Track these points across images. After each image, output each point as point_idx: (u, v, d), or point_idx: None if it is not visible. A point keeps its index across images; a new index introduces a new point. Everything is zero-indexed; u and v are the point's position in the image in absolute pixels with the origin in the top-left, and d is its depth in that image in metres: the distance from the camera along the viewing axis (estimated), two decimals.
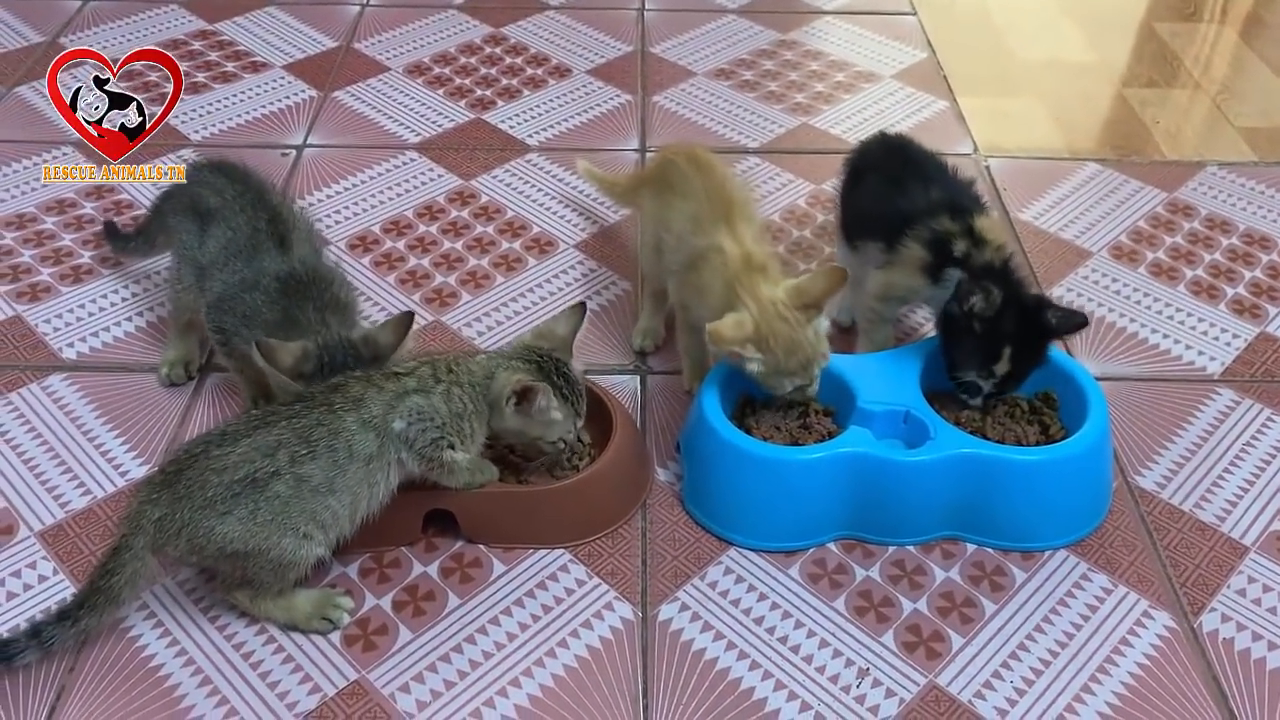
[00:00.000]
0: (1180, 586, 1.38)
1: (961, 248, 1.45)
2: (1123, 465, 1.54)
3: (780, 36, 2.58)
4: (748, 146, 2.19)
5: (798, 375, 1.39)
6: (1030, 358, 1.43)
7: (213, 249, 1.49)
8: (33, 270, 1.83)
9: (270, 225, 1.48)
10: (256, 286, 1.42)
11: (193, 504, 1.19)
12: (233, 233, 1.48)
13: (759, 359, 1.36)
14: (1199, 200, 2.08)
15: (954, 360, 1.45)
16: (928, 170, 1.58)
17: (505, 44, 2.52)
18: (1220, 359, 1.72)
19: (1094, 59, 2.60)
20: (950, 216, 1.47)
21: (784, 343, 1.36)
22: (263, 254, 1.46)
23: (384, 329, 1.39)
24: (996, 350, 1.41)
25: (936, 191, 1.52)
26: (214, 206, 1.52)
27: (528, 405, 1.31)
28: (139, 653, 1.27)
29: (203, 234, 1.51)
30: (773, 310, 1.36)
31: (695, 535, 1.43)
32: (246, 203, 1.51)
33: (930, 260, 1.47)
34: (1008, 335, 1.40)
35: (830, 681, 1.27)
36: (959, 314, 1.41)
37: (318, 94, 2.32)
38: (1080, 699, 1.25)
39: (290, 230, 1.50)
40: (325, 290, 1.43)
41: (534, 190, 2.05)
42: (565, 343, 1.39)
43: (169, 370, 1.62)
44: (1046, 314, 1.41)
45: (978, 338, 1.41)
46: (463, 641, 1.30)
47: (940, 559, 1.41)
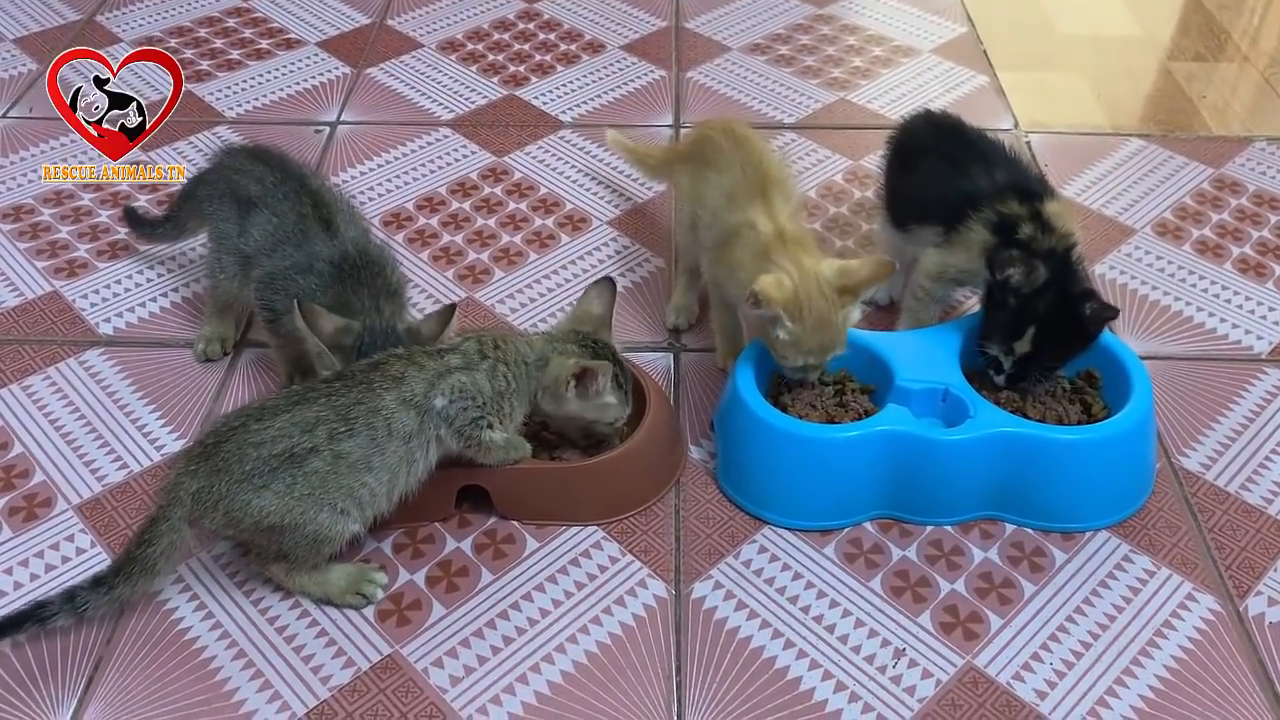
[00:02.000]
0: (1225, 569, 1.35)
1: (1027, 231, 1.41)
2: (1166, 446, 1.51)
3: (816, 11, 2.55)
4: (784, 122, 2.17)
5: (813, 354, 1.37)
6: (1058, 345, 1.40)
7: (258, 237, 1.48)
8: (70, 246, 1.85)
9: (315, 210, 1.48)
10: (310, 270, 1.42)
11: (230, 477, 1.19)
12: (279, 219, 1.48)
13: (788, 327, 1.34)
14: (1246, 176, 2.03)
15: (983, 328, 1.43)
16: (988, 152, 1.55)
17: (539, 20, 2.50)
18: (1268, 338, 1.68)
19: (1138, 33, 2.54)
20: (1019, 200, 1.44)
21: (815, 318, 1.34)
22: (312, 239, 1.45)
23: (428, 321, 1.40)
24: (1021, 327, 1.38)
25: (1001, 174, 1.49)
26: (255, 194, 1.51)
27: (586, 387, 1.31)
28: (174, 625, 1.28)
29: (244, 222, 1.51)
30: (814, 282, 1.34)
31: (729, 513, 1.42)
32: (289, 189, 1.50)
33: (993, 243, 1.44)
34: (1035, 315, 1.37)
35: (866, 661, 1.25)
36: (995, 282, 1.39)
37: (351, 71, 2.31)
38: (1121, 682, 1.23)
39: (335, 213, 1.49)
40: (378, 275, 1.43)
41: (567, 167, 2.04)
42: (604, 321, 1.38)
43: (205, 346, 1.63)
44: (1084, 304, 1.37)
45: (1008, 311, 1.39)
46: (496, 617, 1.30)
47: (979, 539, 1.39)
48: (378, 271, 1.43)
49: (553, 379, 1.31)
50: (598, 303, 1.39)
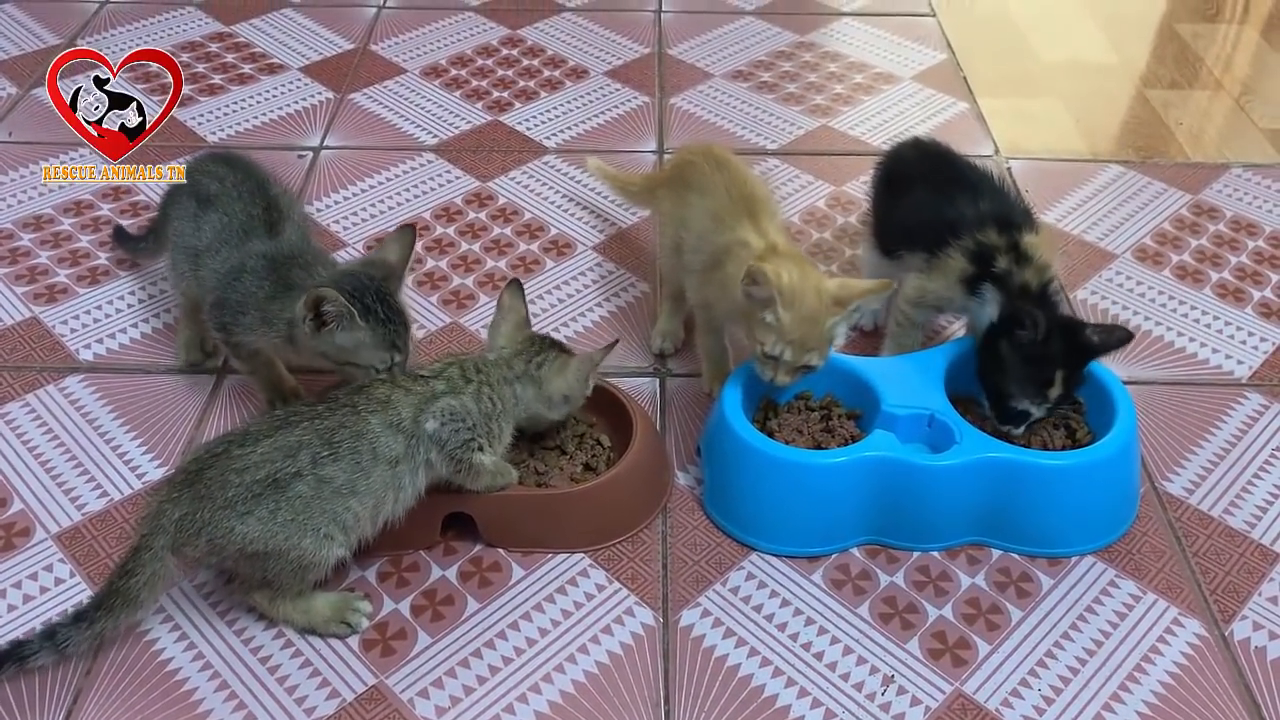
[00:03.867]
0: (1210, 594, 1.36)
1: (1003, 264, 1.42)
2: (1150, 470, 1.52)
3: (798, 38, 2.57)
4: (766, 148, 2.18)
5: (791, 347, 1.34)
6: (1077, 378, 1.41)
7: (208, 234, 1.49)
8: (50, 272, 1.83)
9: (265, 213, 1.49)
10: (244, 269, 1.42)
11: (213, 504, 1.18)
12: (228, 219, 1.48)
13: (777, 310, 1.33)
14: (1224, 202, 2.05)
15: (1005, 390, 1.41)
16: (975, 181, 1.56)
17: (522, 46, 2.51)
18: (1248, 363, 1.70)
19: (1115, 60, 2.58)
20: (998, 230, 1.45)
21: (804, 313, 1.33)
22: (253, 240, 1.46)
23: (387, 247, 1.41)
24: (1050, 375, 1.38)
25: (987, 203, 1.50)
26: (213, 193, 1.51)
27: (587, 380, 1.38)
28: (155, 656, 1.26)
29: (199, 219, 1.51)
30: (811, 282, 1.34)
31: (716, 540, 1.42)
32: (245, 190, 1.51)
33: (971, 272, 1.45)
34: (1057, 358, 1.38)
35: (855, 689, 1.25)
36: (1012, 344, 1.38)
37: (334, 96, 2.31)
38: (1109, 708, 1.23)
39: (284, 220, 1.50)
40: (315, 261, 1.43)
41: (551, 192, 2.04)
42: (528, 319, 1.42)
43: (186, 353, 1.63)
44: (1086, 332, 1.39)
45: (1031, 364, 1.38)
46: (482, 646, 1.29)
47: (965, 565, 1.39)
48: (313, 259, 1.44)
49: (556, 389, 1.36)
50: (521, 304, 1.42)
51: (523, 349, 1.37)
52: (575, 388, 1.37)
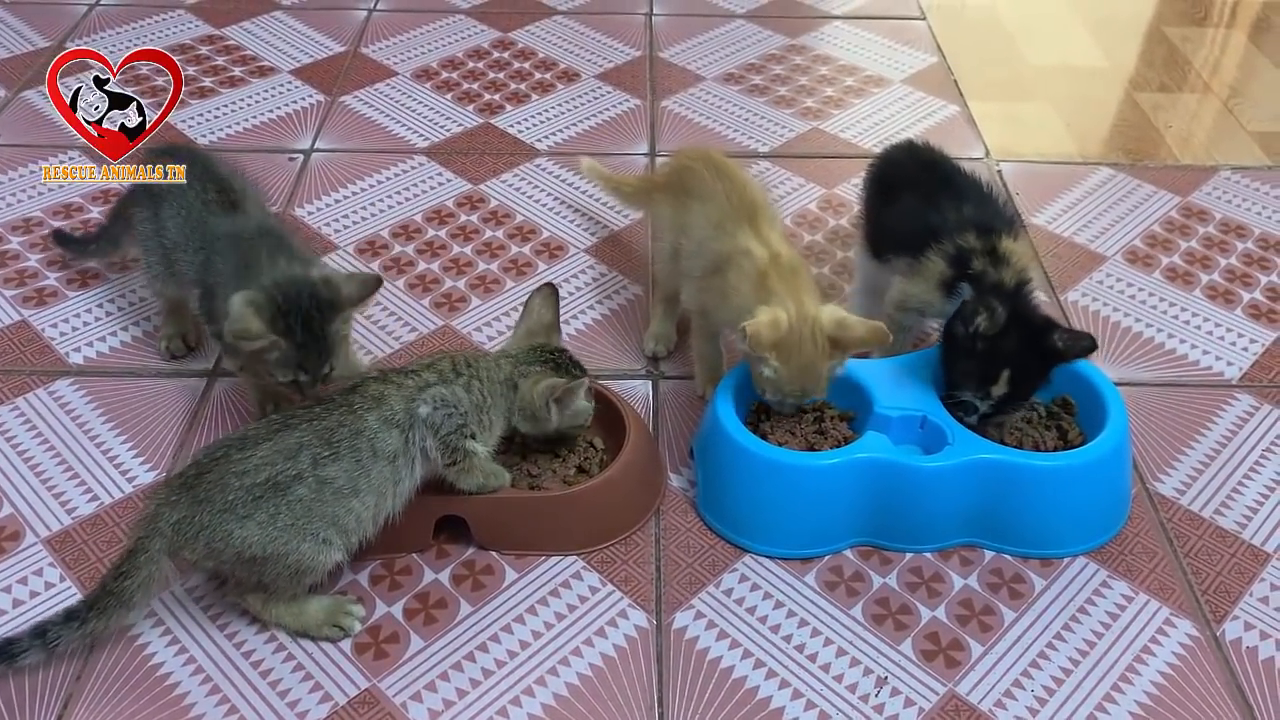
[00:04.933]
0: (1202, 594, 1.36)
1: (979, 265, 1.43)
2: (1141, 471, 1.52)
3: (789, 41, 2.57)
4: (758, 151, 2.18)
5: (793, 395, 1.39)
6: (1031, 380, 1.39)
7: (172, 230, 1.50)
8: (39, 275, 1.82)
9: (220, 195, 1.49)
10: (213, 251, 1.42)
11: (213, 507, 1.18)
12: (186, 209, 1.49)
13: (774, 368, 1.35)
14: (1213, 205, 2.06)
15: (951, 378, 1.42)
16: (962, 186, 1.56)
17: (513, 48, 2.51)
18: (1238, 364, 1.70)
19: (1105, 63, 2.59)
20: (977, 234, 1.45)
21: (801, 364, 1.34)
22: (215, 223, 1.47)
23: (349, 281, 1.39)
24: (994, 372, 1.37)
25: (970, 209, 1.50)
26: (163, 187, 1.52)
27: (566, 404, 1.34)
28: (147, 660, 1.26)
29: (158, 219, 1.52)
30: (809, 327, 1.34)
31: (710, 542, 1.42)
32: (193, 176, 1.52)
33: (950, 275, 1.45)
34: (1007, 357, 1.36)
35: (849, 690, 1.25)
36: (963, 333, 1.38)
37: (325, 98, 2.30)
38: (1102, 708, 1.23)
39: (244, 198, 1.51)
40: (279, 241, 1.42)
41: (543, 195, 2.04)
42: (554, 326, 1.42)
43: (167, 344, 1.65)
44: (1053, 336, 1.37)
45: (977, 357, 1.37)
46: (475, 650, 1.28)
47: (958, 566, 1.39)
48: (278, 239, 1.43)
49: (529, 403, 1.33)
50: (545, 310, 1.41)
51: (520, 356, 1.37)
52: (540, 410, 1.33)
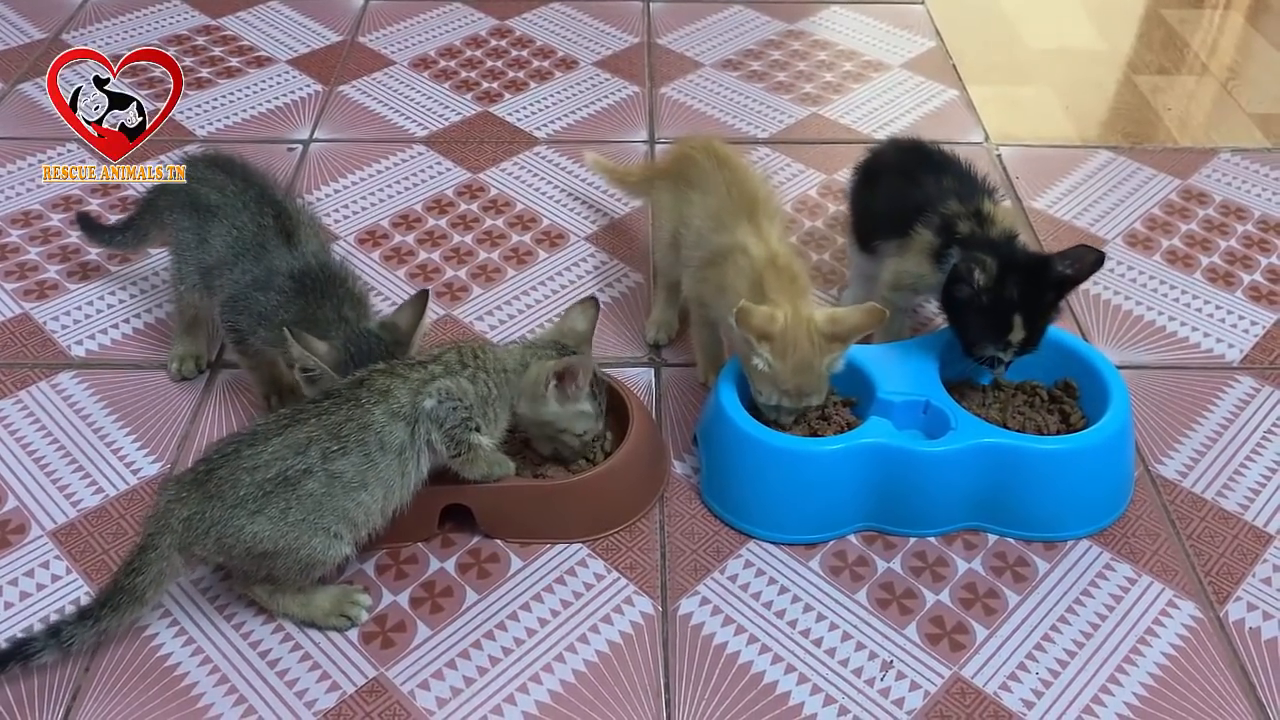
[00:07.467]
0: (1205, 576, 1.37)
1: (965, 228, 1.43)
2: (1144, 454, 1.52)
3: (787, 26, 2.56)
4: (757, 137, 2.18)
5: (788, 396, 1.37)
6: (1044, 315, 1.40)
7: (219, 248, 1.47)
8: (40, 268, 1.82)
9: (277, 221, 1.46)
10: (270, 286, 1.40)
11: (224, 503, 1.18)
12: (238, 231, 1.46)
13: (768, 360, 1.35)
14: (1212, 187, 2.06)
15: (967, 340, 1.43)
16: (941, 163, 1.57)
17: (511, 36, 2.50)
18: (1239, 346, 1.71)
19: (1103, 46, 2.58)
20: (959, 200, 1.46)
21: (798, 360, 1.34)
22: (271, 252, 1.44)
23: (401, 312, 1.40)
24: (1006, 320, 1.38)
25: (949, 180, 1.51)
26: (214, 204, 1.49)
27: (566, 387, 1.32)
28: (155, 652, 1.26)
29: (203, 232, 1.49)
30: (804, 326, 1.34)
31: (714, 528, 1.42)
32: (250, 199, 1.49)
33: (938, 244, 1.45)
34: (1013, 302, 1.37)
35: (854, 674, 1.25)
36: (966, 293, 1.39)
37: (323, 88, 2.30)
38: (1107, 689, 1.24)
39: (298, 226, 1.48)
40: (340, 285, 1.42)
41: (543, 183, 2.04)
42: (586, 338, 1.39)
43: (179, 365, 1.61)
44: (1057, 267, 1.38)
45: (985, 312, 1.38)
46: (481, 638, 1.29)
47: (962, 550, 1.39)
48: (339, 283, 1.42)
49: (532, 380, 1.32)
50: (581, 320, 1.39)
51: (539, 344, 1.36)
52: (539, 388, 1.32)
